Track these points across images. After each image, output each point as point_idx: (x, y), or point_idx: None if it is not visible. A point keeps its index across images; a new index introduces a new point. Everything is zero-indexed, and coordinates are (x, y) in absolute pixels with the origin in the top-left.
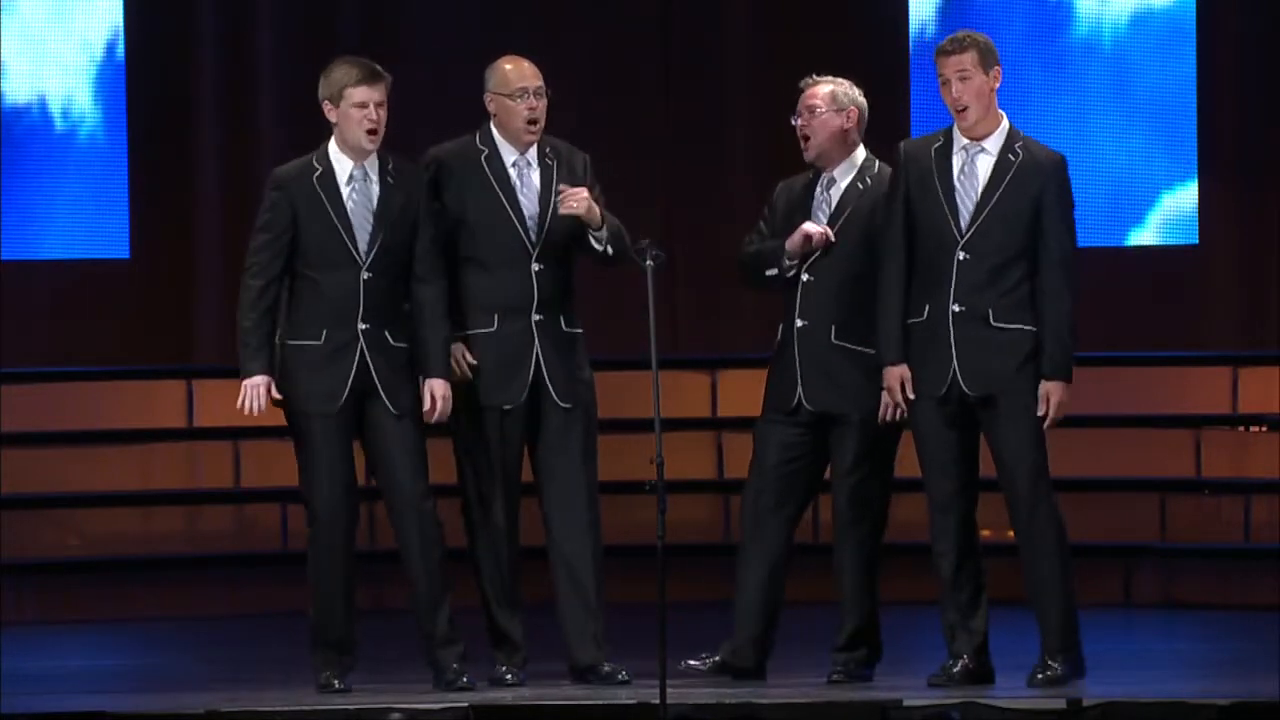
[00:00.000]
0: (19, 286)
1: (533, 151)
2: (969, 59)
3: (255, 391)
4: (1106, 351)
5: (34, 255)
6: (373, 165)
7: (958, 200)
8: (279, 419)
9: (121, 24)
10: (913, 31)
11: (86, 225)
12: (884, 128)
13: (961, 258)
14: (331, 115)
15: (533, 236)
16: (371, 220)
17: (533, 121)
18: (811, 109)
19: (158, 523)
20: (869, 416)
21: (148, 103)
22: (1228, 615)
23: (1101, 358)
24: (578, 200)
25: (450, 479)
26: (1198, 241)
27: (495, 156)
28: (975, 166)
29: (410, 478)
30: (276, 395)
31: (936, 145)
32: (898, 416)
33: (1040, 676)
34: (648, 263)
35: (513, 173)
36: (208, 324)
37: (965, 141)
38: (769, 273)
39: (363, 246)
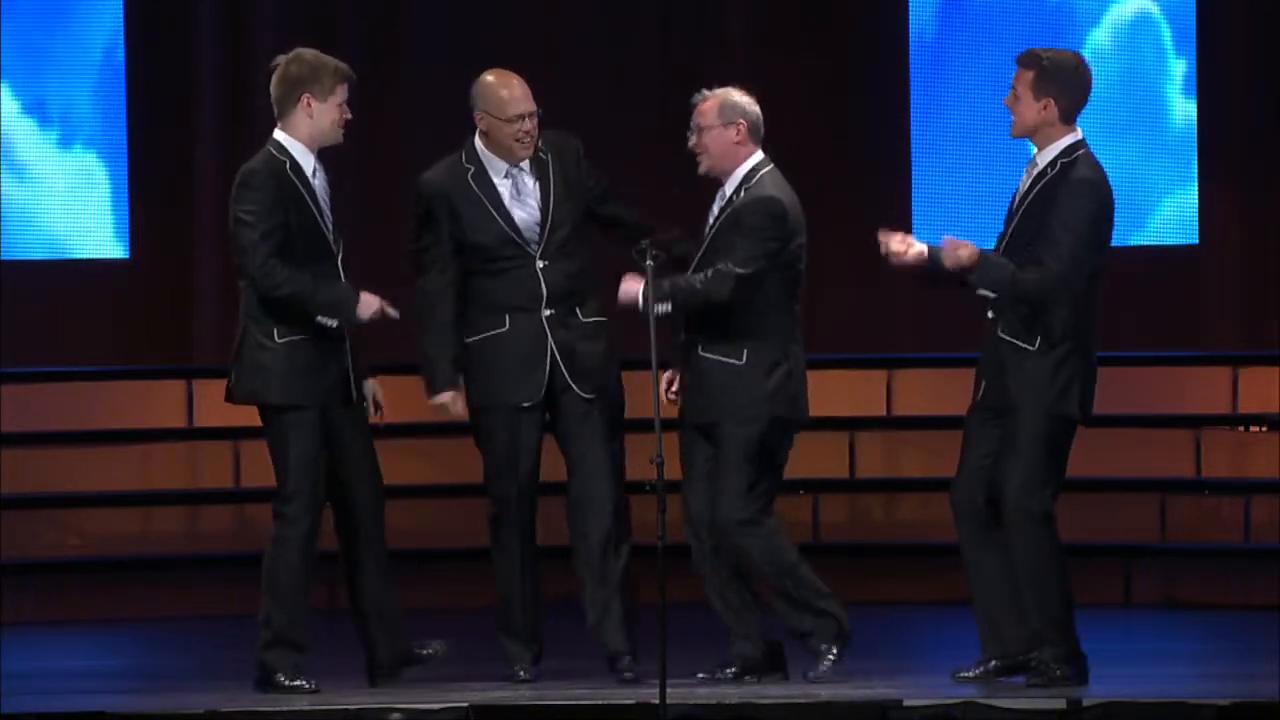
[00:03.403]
0: (19, 286)
1: None
2: (1023, 80)
3: None
4: (1106, 352)
5: (34, 255)
6: None
7: (1011, 210)
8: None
9: (121, 26)
10: (913, 33)
11: (87, 225)
12: (884, 129)
13: None
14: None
15: (532, 241)
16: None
17: (527, 144)
18: (701, 127)
19: (158, 523)
20: (737, 426)
21: (148, 104)
22: (1228, 615)
23: (1101, 358)
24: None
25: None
26: (1198, 242)
27: (482, 174)
28: (1027, 177)
29: None
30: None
31: None
32: None
33: (1040, 677)
34: (648, 263)
35: (504, 187)
36: (207, 324)
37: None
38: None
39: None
